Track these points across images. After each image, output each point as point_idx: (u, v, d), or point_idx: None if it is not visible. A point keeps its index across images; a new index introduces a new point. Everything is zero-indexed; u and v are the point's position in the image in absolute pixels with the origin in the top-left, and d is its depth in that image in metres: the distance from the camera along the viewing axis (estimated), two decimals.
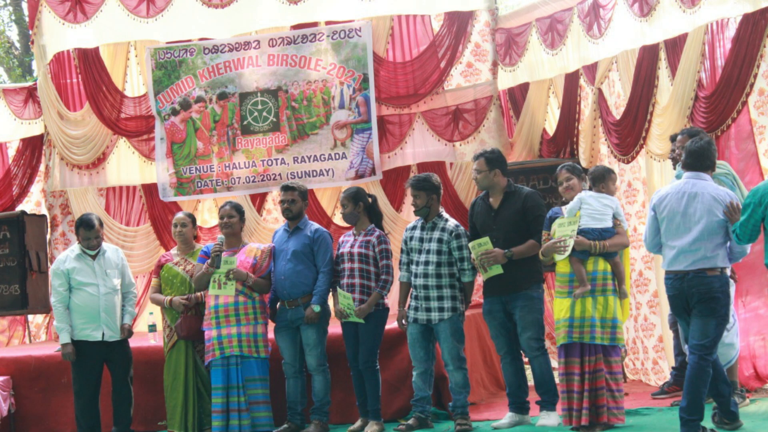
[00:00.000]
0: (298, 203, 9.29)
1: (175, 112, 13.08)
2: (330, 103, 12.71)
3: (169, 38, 13.29)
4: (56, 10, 13.34)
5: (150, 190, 13.32)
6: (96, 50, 13.40)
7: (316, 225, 9.49)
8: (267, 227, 12.84)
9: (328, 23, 12.85)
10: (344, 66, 12.64)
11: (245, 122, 12.91)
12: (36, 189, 13.97)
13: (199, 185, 13.04)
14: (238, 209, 9.41)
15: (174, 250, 9.74)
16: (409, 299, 9.08)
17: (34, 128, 13.72)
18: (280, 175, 12.73)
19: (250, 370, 9.08)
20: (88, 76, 13.34)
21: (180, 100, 13.08)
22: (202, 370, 9.33)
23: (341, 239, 9.46)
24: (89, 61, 13.36)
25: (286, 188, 9.34)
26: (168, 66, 13.12)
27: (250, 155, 12.89)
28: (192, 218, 9.79)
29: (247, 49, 12.96)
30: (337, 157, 12.66)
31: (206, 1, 12.97)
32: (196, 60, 13.05)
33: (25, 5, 23.74)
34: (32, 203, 13.97)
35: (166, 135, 13.12)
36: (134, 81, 13.55)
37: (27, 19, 17.52)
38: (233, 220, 9.33)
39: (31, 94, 13.76)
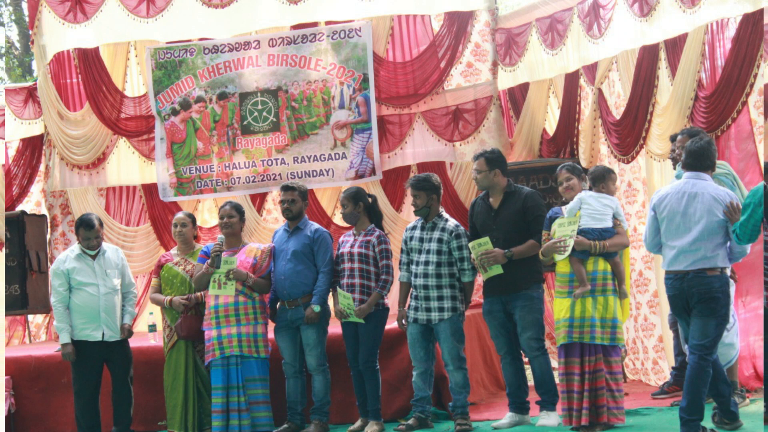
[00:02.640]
0: (298, 203, 9.30)
1: (175, 112, 13.12)
2: (330, 103, 12.75)
3: (169, 38, 13.33)
4: (56, 10, 13.36)
5: (150, 190, 13.36)
6: (96, 50, 13.44)
7: (315, 225, 9.51)
8: (267, 227, 12.87)
9: (328, 23, 12.89)
10: (344, 66, 12.68)
11: (245, 122, 12.95)
12: (36, 189, 14.05)
13: (199, 185, 13.09)
14: (238, 209, 9.43)
15: (174, 250, 9.75)
16: (409, 299, 9.10)
17: (34, 128, 13.80)
18: (280, 175, 12.77)
19: (250, 370, 9.09)
20: (88, 76, 13.37)
21: (180, 100, 13.13)
22: (202, 370, 9.34)
23: (341, 239, 9.48)
24: (89, 61, 13.40)
25: (286, 188, 9.36)
26: (168, 66, 13.15)
27: (250, 155, 12.94)
28: (192, 218, 9.81)
29: (247, 49, 13.00)
30: (337, 157, 12.70)
31: (206, 1, 13.00)
32: (196, 60, 13.09)
33: (25, 5, 23.78)
34: (32, 203, 14.06)
35: (166, 135, 13.16)
36: (134, 81, 13.59)
37: (27, 19, 17.51)
38: (233, 220, 9.35)
39: (31, 94, 13.82)
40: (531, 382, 8.91)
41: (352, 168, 12.65)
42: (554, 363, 8.80)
